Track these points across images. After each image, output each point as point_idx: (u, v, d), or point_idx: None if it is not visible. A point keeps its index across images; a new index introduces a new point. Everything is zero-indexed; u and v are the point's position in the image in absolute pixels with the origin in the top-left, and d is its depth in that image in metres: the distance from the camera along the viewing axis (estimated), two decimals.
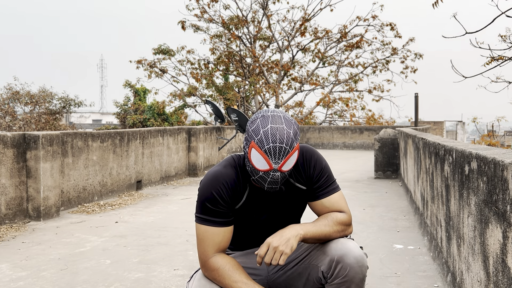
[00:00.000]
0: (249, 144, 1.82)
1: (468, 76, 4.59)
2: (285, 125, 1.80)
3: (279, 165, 1.78)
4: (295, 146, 1.81)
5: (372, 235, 4.78)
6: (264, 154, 1.77)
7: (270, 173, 1.80)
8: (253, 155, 1.80)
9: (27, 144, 5.50)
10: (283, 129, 1.78)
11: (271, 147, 1.76)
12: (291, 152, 1.79)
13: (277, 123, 1.79)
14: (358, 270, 1.82)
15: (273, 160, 1.77)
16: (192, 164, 9.94)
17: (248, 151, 1.83)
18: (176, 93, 19.42)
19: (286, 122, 1.81)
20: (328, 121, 24.51)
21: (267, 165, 1.79)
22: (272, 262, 1.77)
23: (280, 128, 1.78)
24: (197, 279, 1.91)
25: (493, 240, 1.93)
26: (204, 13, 19.79)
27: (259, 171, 1.81)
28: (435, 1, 4.15)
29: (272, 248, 1.78)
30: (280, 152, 1.77)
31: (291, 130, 1.80)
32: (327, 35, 21.43)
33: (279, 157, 1.77)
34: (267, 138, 1.77)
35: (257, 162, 1.80)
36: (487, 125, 16.64)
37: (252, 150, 1.81)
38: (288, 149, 1.78)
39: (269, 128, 1.78)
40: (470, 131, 39.96)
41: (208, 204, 1.89)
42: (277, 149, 1.76)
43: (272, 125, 1.78)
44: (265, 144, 1.77)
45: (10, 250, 4.29)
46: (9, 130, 16.39)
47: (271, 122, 1.79)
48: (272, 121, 1.80)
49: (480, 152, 2.22)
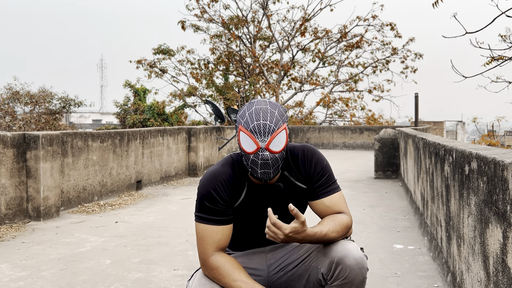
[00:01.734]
0: (238, 129, 1.86)
1: (468, 76, 4.59)
2: (269, 106, 1.86)
3: (266, 143, 1.80)
4: (281, 125, 1.84)
5: (372, 235, 4.78)
6: (249, 133, 1.81)
7: (259, 154, 1.81)
8: (241, 137, 1.84)
9: (27, 144, 5.50)
10: (266, 109, 1.84)
11: (255, 125, 1.81)
12: (277, 130, 1.82)
13: (261, 105, 1.86)
14: (358, 272, 1.81)
15: (259, 137, 1.80)
16: (192, 164, 9.94)
17: (238, 137, 1.87)
18: (176, 93, 19.42)
19: (270, 104, 1.87)
20: (328, 121, 24.51)
21: (254, 145, 1.81)
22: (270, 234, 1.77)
23: (264, 108, 1.84)
24: (197, 278, 1.91)
25: (493, 240, 1.93)
26: (204, 13, 19.80)
27: (249, 154, 1.83)
28: (435, 1, 4.15)
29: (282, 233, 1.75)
30: (265, 128, 1.80)
31: (276, 110, 1.85)
32: (327, 35, 21.44)
33: (264, 134, 1.80)
34: (252, 118, 1.82)
35: (246, 143, 1.83)
36: (487, 125, 16.65)
37: (240, 133, 1.85)
38: (273, 126, 1.81)
39: (253, 109, 1.84)
40: (470, 131, 39.96)
41: (206, 203, 1.90)
42: (261, 126, 1.80)
43: (256, 107, 1.85)
44: (250, 124, 1.82)
45: (10, 250, 4.29)
46: (9, 130, 16.39)
47: (256, 105, 1.86)
48: (257, 103, 1.87)
49: (480, 152, 2.22)
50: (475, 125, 17.49)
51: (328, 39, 21.82)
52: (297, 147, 2.04)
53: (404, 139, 8.13)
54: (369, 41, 21.75)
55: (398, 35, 21.24)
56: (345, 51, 22.18)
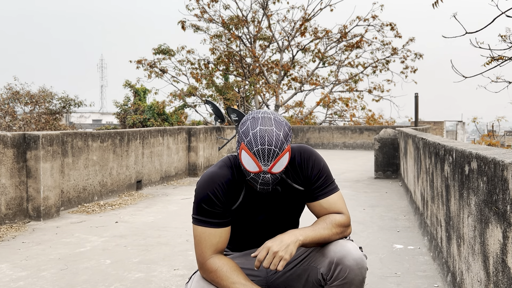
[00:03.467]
0: (240, 146, 1.81)
1: (468, 76, 4.59)
2: (275, 127, 1.78)
3: (269, 167, 1.77)
4: (285, 148, 1.79)
5: (372, 235, 4.78)
6: (253, 156, 1.76)
7: (260, 175, 1.79)
8: (243, 156, 1.80)
9: (27, 144, 5.50)
10: (272, 131, 1.76)
11: (260, 149, 1.75)
12: (281, 154, 1.78)
13: (267, 125, 1.77)
14: (358, 272, 1.81)
15: (262, 162, 1.76)
16: (192, 164, 9.94)
17: (239, 152, 1.82)
18: (176, 93, 19.42)
19: (276, 124, 1.79)
20: (328, 121, 24.51)
21: (256, 167, 1.78)
22: (270, 267, 1.77)
23: (269, 130, 1.76)
24: (195, 281, 1.90)
25: (493, 240, 1.93)
26: (204, 13, 19.79)
27: (250, 172, 1.80)
28: (435, 1, 4.15)
29: (272, 252, 1.77)
30: (269, 154, 1.76)
31: (281, 132, 1.78)
32: (327, 35, 21.43)
33: (268, 159, 1.76)
34: (256, 140, 1.75)
35: (247, 163, 1.79)
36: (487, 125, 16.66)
37: (242, 151, 1.80)
38: (277, 151, 1.76)
39: (258, 130, 1.76)
40: (470, 131, 39.98)
41: (204, 205, 1.88)
42: (265, 151, 1.75)
43: (261, 127, 1.77)
44: (254, 146, 1.76)
45: (10, 250, 4.29)
46: (9, 130, 16.38)
47: (261, 124, 1.78)
48: (262, 122, 1.78)
49: (480, 152, 2.22)
50: (475, 125, 17.49)
51: (328, 39, 21.82)
52: (294, 148, 2.01)
53: (404, 139, 8.13)
54: (369, 41, 21.74)
55: (398, 35, 21.23)
56: (345, 51, 22.17)
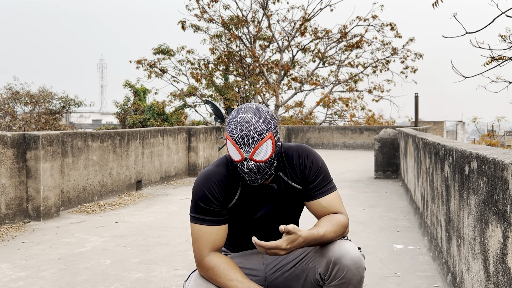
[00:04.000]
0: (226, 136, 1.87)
1: (468, 76, 4.59)
2: (255, 114, 1.83)
3: (250, 153, 1.80)
4: (267, 135, 1.82)
5: (372, 235, 4.78)
6: (234, 143, 1.81)
7: (244, 163, 1.82)
8: (228, 145, 1.85)
9: (27, 144, 5.50)
10: (250, 118, 1.81)
11: (239, 135, 1.80)
12: (261, 140, 1.80)
13: (246, 113, 1.83)
14: (356, 271, 1.81)
15: (243, 148, 1.80)
16: (192, 164, 9.94)
17: (226, 143, 1.88)
18: (176, 93, 19.41)
19: (256, 112, 1.84)
20: (328, 121, 24.51)
21: (238, 155, 1.82)
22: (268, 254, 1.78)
23: (248, 117, 1.82)
24: (193, 279, 1.91)
25: (493, 240, 1.93)
26: (204, 13, 19.78)
27: (236, 162, 1.85)
28: (435, 1, 4.15)
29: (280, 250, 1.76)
30: (248, 139, 1.79)
31: (261, 119, 1.82)
32: (327, 35, 21.43)
33: (247, 145, 1.79)
34: (236, 128, 1.81)
35: (232, 152, 1.84)
36: (487, 125, 16.65)
37: (227, 141, 1.85)
38: (256, 136, 1.79)
39: (238, 118, 1.83)
40: (470, 131, 39.97)
41: (201, 203, 1.90)
42: (244, 137, 1.79)
43: (241, 115, 1.83)
44: (234, 134, 1.81)
45: (10, 250, 4.29)
46: (9, 130, 16.38)
47: (241, 113, 1.84)
48: (243, 111, 1.84)
49: (480, 152, 2.22)
50: (475, 125, 17.49)
51: (328, 39, 21.81)
52: (292, 147, 2.03)
53: (404, 139, 8.13)
54: (369, 41, 21.74)
55: (398, 35, 21.23)
56: (345, 51, 22.16)
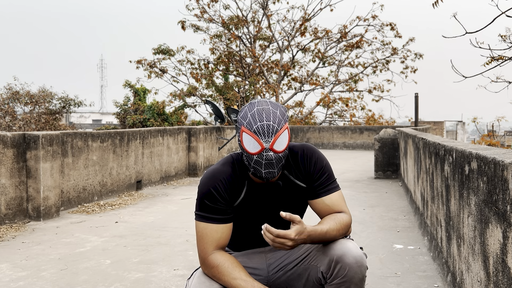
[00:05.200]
0: (240, 131, 1.86)
1: (468, 76, 4.59)
2: (271, 106, 1.86)
3: (270, 143, 1.81)
4: (284, 125, 1.85)
5: (372, 235, 4.78)
6: (253, 134, 1.82)
7: (263, 154, 1.82)
8: (244, 138, 1.85)
9: (27, 144, 5.50)
10: (269, 109, 1.84)
11: (259, 126, 1.81)
12: (280, 130, 1.83)
13: (263, 105, 1.86)
14: (357, 270, 1.82)
15: (263, 138, 1.81)
16: (192, 164, 9.94)
17: (240, 138, 1.87)
18: (176, 93, 19.42)
19: (271, 104, 1.88)
20: (328, 121, 24.51)
21: (258, 146, 1.82)
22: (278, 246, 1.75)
23: (266, 108, 1.84)
24: (197, 276, 1.92)
25: (493, 240, 1.93)
26: (204, 13, 19.80)
27: (252, 155, 1.83)
28: (435, 1, 4.15)
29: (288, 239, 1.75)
30: (269, 129, 1.81)
31: (278, 110, 1.86)
32: (327, 35, 21.44)
33: (268, 134, 1.81)
34: (255, 119, 1.82)
35: (249, 144, 1.83)
36: (487, 125, 16.66)
37: (243, 134, 1.85)
38: (276, 126, 1.82)
39: (255, 110, 1.85)
40: (470, 131, 39.95)
41: (206, 201, 1.91)
42: (265, 127, 1.81)
43: (258, 107, 1.85)
44: (253, 125, 1.82)
45: (10, 250, 4.29)
46: (9, 130, 16.39)
47: (257, 105, 1.86)
48: (258, 104, 1.87)
49: (480, 152, 2.22)
50: (475, 125, 17.49)
51: (328, 39, 21.83)
52: (297, 146, 2.05)
53: (404, 139, 8.13)
54: (369, 41, 21.76)
55: (398, 35, 21.25)
56: (345, 51, 22.19)
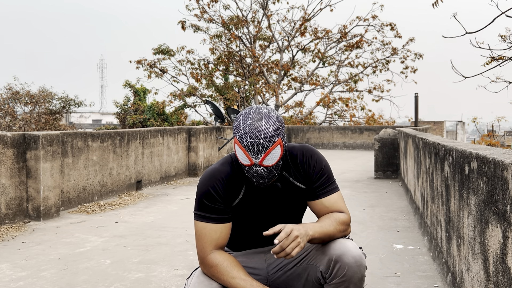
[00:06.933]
0: (234, 140, 1.87)
1: (468, 76, 4.59)
2: (264, 121, 1.82)
3: (259, 160, 1.81)
4: (276, 141, 1.82)
5: (372, 235, 4.78)
6: (244, 149, 1.82)
7: (253, 168, 1.83)
8: (237, 150, 1.86)
9: (27, 144, 5.50)
10: (261, 125, 1.81)
11: (249, 142, 1.80)
12: (271, 147, 1.81)
13: (256, 119, 1.82)
14: (357, 269, 1.82)
15: (252, 155, 1.81)
16: (192, 164, 9.95)
17: (234, 147, 1.88)
18: (176, 93, 19.42)
19: (265, 118, 1.83)
20: (328, 121, 24.51)
21: (248, 160, 1.82)
22: (287, 249, 1.72)
23: (258, 124, 1.81)
24: (196, 276, 1.92)
25: (493, 240, 1.93)
26: (204, 13, 19.79)
27: (244, 165, 1.85)
28: (435, 1, 4.15)
29: (294, 236, 1.74)
30: (258, 147, 1.80)
31: (271, 126, 1.82)
32: (327, 35, 21.44)
33: (258, 152, 1.80)
34: (246, 134, 1.81)
35: (240, 156, 1.84)
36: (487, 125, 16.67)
37: (235, 145, 1.86)
38: (266, 144, 1.80)
39: (247, 124, 1.82)
40: (470, 131, 39.97)
41: (205, 201, 1.92)
42: (254, 144, 1.80)
43: (251, 121, 1.82)
44: (244, 140, 1.81)
45: (10, 250, 4.29)
46: (9, 130, 16.39)
47: (251, 119, 1.83)
48: (252, 117, 1.83)
49: (480, 152, 2.22)
50: (475, 125, 17.50)
51: (328, 39, 21.83)
52: (296, 147, 2.04)
53: (404, 139, 8.13)
54: (369, 41, 21.75)
55: (398, 35, 21.24)
56: (345, 51, 22.18)
